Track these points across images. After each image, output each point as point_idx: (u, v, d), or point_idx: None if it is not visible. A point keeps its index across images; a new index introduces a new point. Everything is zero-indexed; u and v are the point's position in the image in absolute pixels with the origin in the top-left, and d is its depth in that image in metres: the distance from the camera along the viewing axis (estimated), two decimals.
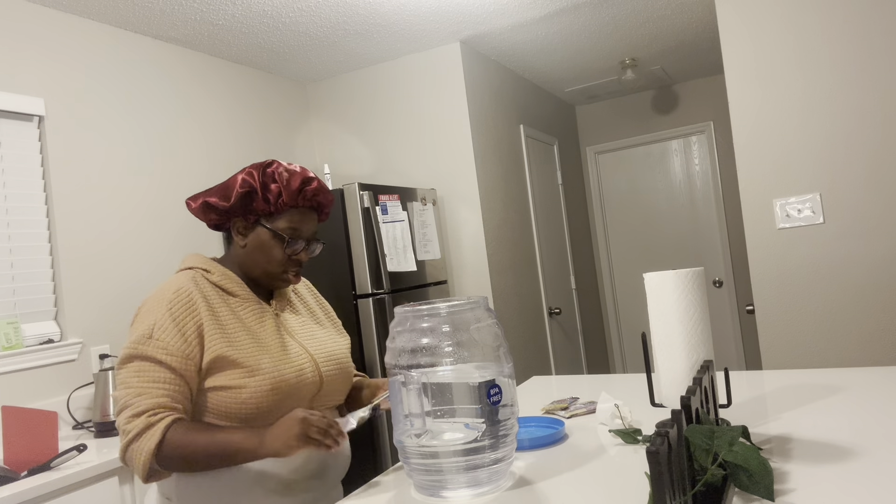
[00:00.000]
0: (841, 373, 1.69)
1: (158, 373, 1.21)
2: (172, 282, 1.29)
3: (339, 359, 1.41)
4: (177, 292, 1.27)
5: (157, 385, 1.20)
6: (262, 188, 1.31)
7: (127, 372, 1.22)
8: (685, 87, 5.17)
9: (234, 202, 1.31)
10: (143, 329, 1.23)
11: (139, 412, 1.18)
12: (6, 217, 2.43)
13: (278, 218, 1.33)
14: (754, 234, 2.77)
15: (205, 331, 1.25)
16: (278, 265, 1.34)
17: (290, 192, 1.31)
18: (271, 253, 1.33)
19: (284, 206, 1.32)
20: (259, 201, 1.31)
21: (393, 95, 3.83)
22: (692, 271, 1.27)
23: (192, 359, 1.23)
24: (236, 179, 1.33)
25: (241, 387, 1.24)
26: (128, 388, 1.20)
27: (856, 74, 2.59)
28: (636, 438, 1.33)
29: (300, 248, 1.35)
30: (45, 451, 1.93)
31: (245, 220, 1.34)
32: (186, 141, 3.17)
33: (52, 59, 2.62)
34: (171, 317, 1.24)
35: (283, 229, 1.33)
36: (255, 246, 1.34)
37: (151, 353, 1.21)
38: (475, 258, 3.66)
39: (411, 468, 1.18)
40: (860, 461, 1.08)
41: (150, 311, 1.25)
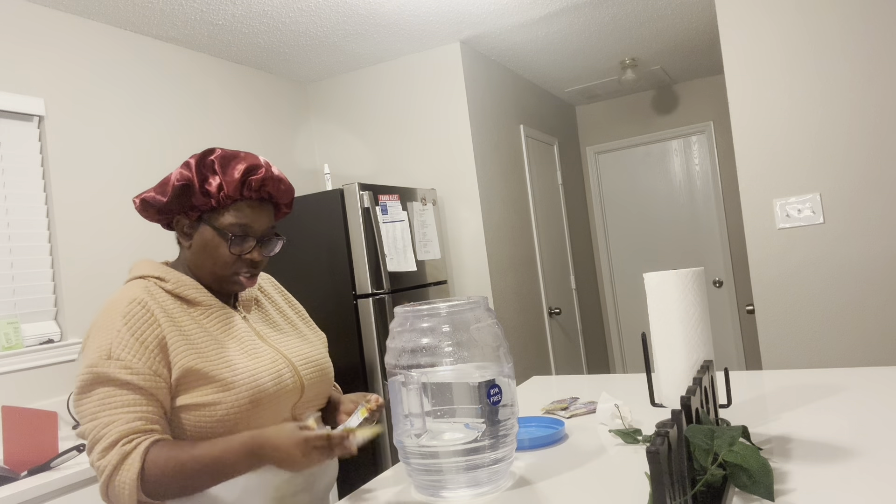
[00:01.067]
0: (841, 373, 1.69)
1: (125, 395, 1.06)
2: (123, 294, 1.14)
3: (317, 361, 1.29)
4: (130, 304, 1.11)
5: (125, 410, 1.06)
6: (199, 181, 1.15)
7: (89, 401, 1.07)
8: (685, 87, 5.17)
9: (171, 198, 1.16)
10: (99, 349, 1.07)
11: (111, 443, 1.04)
12: (6, 217, 2.43)
13: (223, 213, 1.17)
14: (754, 234, 2.77)
15: (168, 343, 1.11)
16: (226, 266, 1.19)
17: (232, 184, 1.15)
18: (216, 253, 1.18)
19: (228, 199, 1.16)
20: (197, 196, 1.16)
21: (393, 95, 3.83)
22: (692, 271, 1.27)
23: (161, 375, 1.09)
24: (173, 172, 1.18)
25: (216, 403, 1.10)
26: (94, 420, 1.06)
27: (856, 74, 2.59)
28: (636, 438, 1.33)
29: (249, 247, 1.19)
30: (45, 451, 1.93)
31: (187, 218, 1.19)
32: (186, 141, 3.17)
33: (52, 59, 2.62)
34: (130, 331, 1.09)
35: (228, 226, 1.17)
36: (200, 246, 1.19)
37: (114, 374, 1.06)
38: (475, 258, 3.66)
39: (411, 468, 1.18)
40: (860, 461, 1.08)
41: (104, 328, 1.10)
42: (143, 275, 1.19)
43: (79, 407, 1.08)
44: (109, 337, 1.08)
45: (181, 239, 1.22)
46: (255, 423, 1.14)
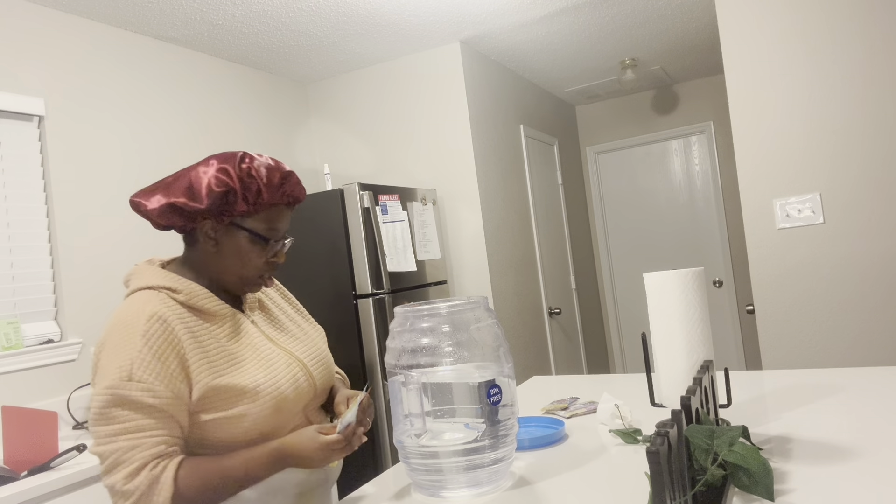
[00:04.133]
0: (841, 373, 1.69)
1: (147, 419, 1.05)
2: (138, 307, 1.10)
3: (323, 358, 1.30)
4: (149, 320, 1.08)
5: (149, 434, 1.05)
6: (241, 187, 1.14)
7: (109, 423, 1.04)
8: (685, 87, 5.17)
9: (210, 204, 1.13)
10: (120, 369, 1.05)
11: (138, 468, 1.03)
12: (6, 217, 2.43)
13: (255, 217, 1.17)
14: (754, 234, 2.77)
15: (189, 363, 1.09)
16: (255, 269, 1.19)
17: (272, 190, 1.16)
18: (249, 257, 1.18)
19: (264, 204, 1.17)
20: (240, 202, 1.15)
21: (393, 95, 3.83)
22: (692, 271, 1.27)
23: (182, 397, 1.08)
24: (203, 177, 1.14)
25: (242, 415, 1.12)
26: (114, 443, 1.04)
27: (856, 74, 2.59)
28: (636, 438, 1.33)
29: (280, 249, 1.22)
30: (45, 451, 1.93)
31: (217, 222, 1.16)
32: (186, 140, 3.17)
33: (52, 59, 2.62)
34: (150, 351, 1.06)
35: (263, 230, 1.18)
36: (232, 250, 1.17)
37: (136, 397, 1.04)
38: (475, 258, 3.66)
39: (411, 468, 1.18)
40: (860, 461, 1.08)
41: (122, 346, 1.06)
42: (151, 285, 1.14)
43: (97, 427, 1.06)
44: (130, 357, 1.05)
45: (205, 243, 1.18)
46: (274, 426, 1.16)
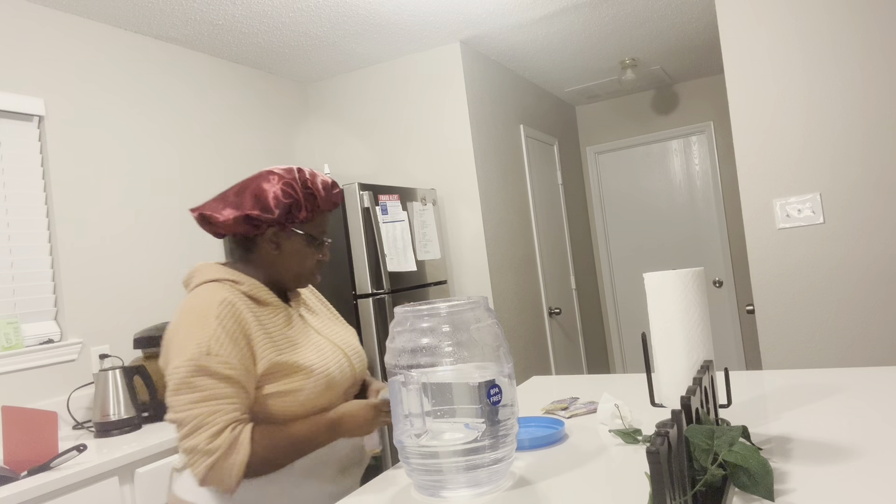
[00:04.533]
0: (841, 373, 1.69)
1: (225, 388, 1.20)
2: (209, 295, 1.26)
3: (358, 349, 1.48)
4: (220, 305, 1.24)
5: (228, 401, 1.19)
6: (304, 198, 1.33)
7: (190, 389, 1.18)
8: (685, 87, 5.17)
9: (280, 214, 1.31)
10: (199, 345, 1.20)
11: (220, 430, 1.17)
12: (6, 217, 2.43)
13: (311, 223, 1.37)
14: (754, 234, 2.77)
15: (254, 341, 1.26)
16: (309, 268, 1.39)
17: (324, 199, 1.36)
18: (305, 257, 1.37)
19: (318, 212, 1.37)
20: (302, 211, 1.33)
21: (393, 95, 3.83)
22: (692, 271, 1.27)
23: (250, 371, 1.24)
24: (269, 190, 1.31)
25: (300, 389, 1.28)
26: (195, 409, 1.18)
27: (856, 74, 2.59)
28: (636, 438, 1.33)
29: (325, 248, 1.42)
30: (45, 451, 1.93)
31: (280, 228, 1.34)
32: (186, 140, 3.17)
33: (52, 59, 2.62)
34: (224, 330, 1.22)
35: (317, 233, 1.38)
36: (291, 252, 1.36)
37: (214, 368, 1.19)
38: (475, 258, 3.66)
39: (411, 468, 1.18)
40: (860, 461, 1.08)
41: (198, 326, 1.22)
42: (216, 278, 1.31)
43: (178, 395, 1.19)
44: (206, 335, 1.20)
45: (267, 246, 1.35)
46: (324, 403, 1.33)
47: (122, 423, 2.25)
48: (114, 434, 2.23)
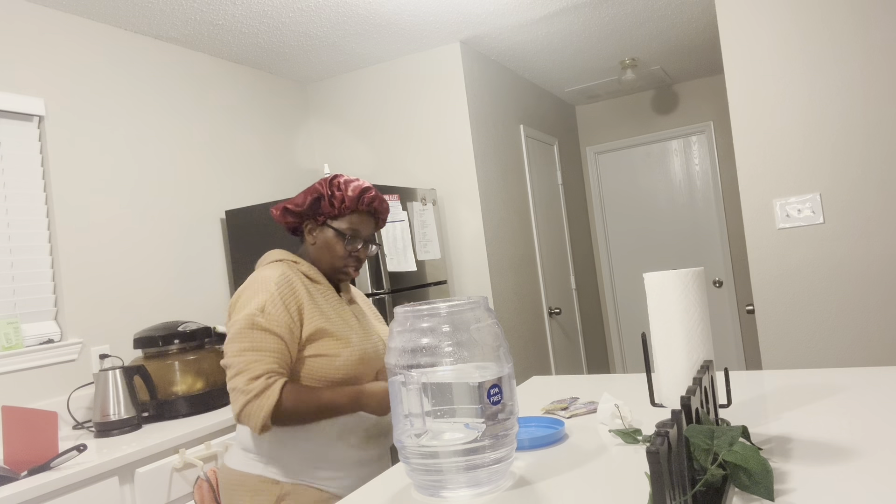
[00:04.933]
0: (841, 373, 1.69)
1: (271, 342, 1.41)
2: (271, 270, 1.51)
3: None
4: (280, 276, 1.49)
5: (269, 353, 1.41)
6: (328, 194, 1.57)
7: (241, 339, 1.41)
8: (685, 87, 5.17)
9: (306, 206, 1.57)
10: (257, 304, 1.43)
11: (257, 375, 1.38)
12: (6, 217, 2.43)
13: (341, 219, 1.58)
14: (754, 234, 2.77)
15: (304, 309, 1.48)
16: (340, 260, 1.58)
17: (351, 199, 1.56)
18: (335, 249, 1.57)
19: (346, 209, 1.56)
20: (325, 205, 1.56)
21: (393, 95, 3.83)
22: (692, 271, 1.27)
23: (295, 333, 1.46)
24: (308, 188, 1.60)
25: (336, 355, 1.49)
26: (243, 356, 1.39)
27: (856, 74, 2.59)
28: (636, 438, 1.33)
29: (359, 246, 1.59)
30: (45, 451, 1.93)
31: (315, 222, 1.59)
32: (186, 140, 3.17)
33: (52, 59, 2.62)
34: (280, 297, 1.45)
35: (345, 229, 1.57)
36: (323, 243, 1.58)
37: (265, 324, 1.41)
38: (475, 258, 3.66)
39: (411, 468, 1.18)
40: (860, 461, 1.08)
41: (260, 290, 1.46)
42: (280, 259, 1.56)
43: (232, 344, 1.42)
44: (265, 297, 1.44)
45: (308, 237, 1.61)
46: (356, 374, 1.52)
47: (122, 423, 2.25)
48: (114, 434, 2.23)
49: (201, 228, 3.18)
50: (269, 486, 1.45)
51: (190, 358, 2.47)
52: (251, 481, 1.46)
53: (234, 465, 1.51)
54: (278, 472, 1.46)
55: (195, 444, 2.20)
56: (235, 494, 1.48)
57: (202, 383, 2.47)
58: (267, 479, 1.46)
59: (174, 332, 2.49)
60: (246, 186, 3.48)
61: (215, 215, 3.27)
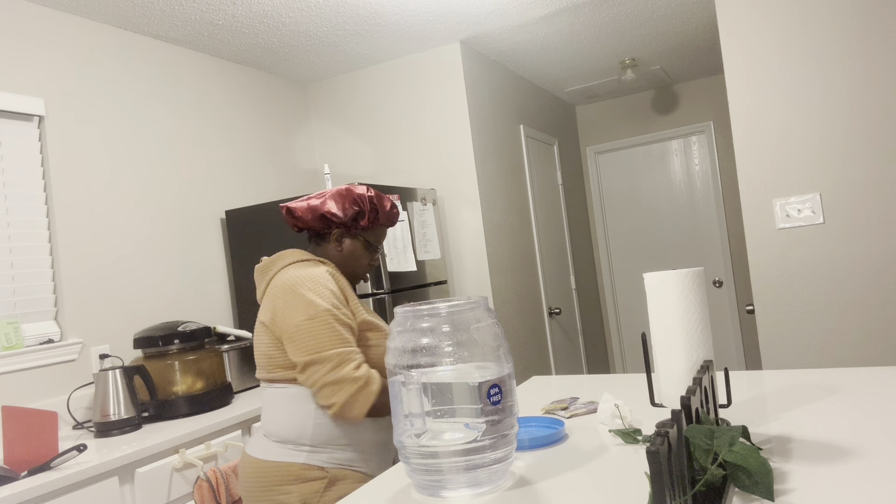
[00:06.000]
0: (841, 373, 1.69)
1: (349, 335, 1.49)
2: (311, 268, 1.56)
3: None
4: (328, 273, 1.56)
5: (354, 345, 1.50)
6: (370, 209, 1.64)
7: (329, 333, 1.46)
8: (685, 87, 5.17)
9: (348, 217, 1.63)
10: (325, 300, 1.49)
11: (360, 364, 1.47)
12: (6, 217, 2.43)
13: (370, 232, 1.67)
14: (754, 234, 2.77)
15: (350, 303, 1.56)
16: (363, 268, 1.69)
17: (385, 215, 1.66)
18: (361, 258, 1.67)
19: (378, 224, 1.66)
20: (366, 220, 1.64)
21: (393, 95, 3.83)
22: (692, 271, 1.27)
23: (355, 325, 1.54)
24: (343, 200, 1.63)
25: (378, 346, 1.58)
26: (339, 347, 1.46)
27: (856, 74, 2.59)
28: (636, 438, 1.33)
29: (378, 256, 1.72)
30: (45, 451, 1.93)
31: (348, 232, 1.65)
32: (186, 141, 3.17)
33: (52, 59, 2.62)
34: (335, 293, 1.52)
35: (374, 241, 1.68)
36: (350, 252, 1.66)
37: (342, 319, 1.49)
38: (475, 258, 3.66)
39: (411, 468, 1.18)
40: (860, 461, 1.08)
41: (317, 287, 1.51)
42: (305, 259, 1.61)
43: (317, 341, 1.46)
44: (327, 292, 1.50)
45: (334, 244, 1.66)
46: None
47: (122, 423, 2.25)
48: (114, 434, 2.23)
49: (201, 228, 3.18)
50: (317, 473, 1.49)
51: (190, 358, 2.47)
52: (295, 470, 1.49)
53: (269, 455, 1.52)
54: (324, 459, 1.50)
55: (195, 444, 2.20)
56: (277, 486, 1.50)
57: (202, 383, 2.47)
58: (313, 467, 1.49)
59: (174, 332, 2.49)
60: (246, 186, 3.48)
61: (215, 215, 3.27)
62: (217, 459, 2.23)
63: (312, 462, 1.49)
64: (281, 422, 1.52)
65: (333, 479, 1.50)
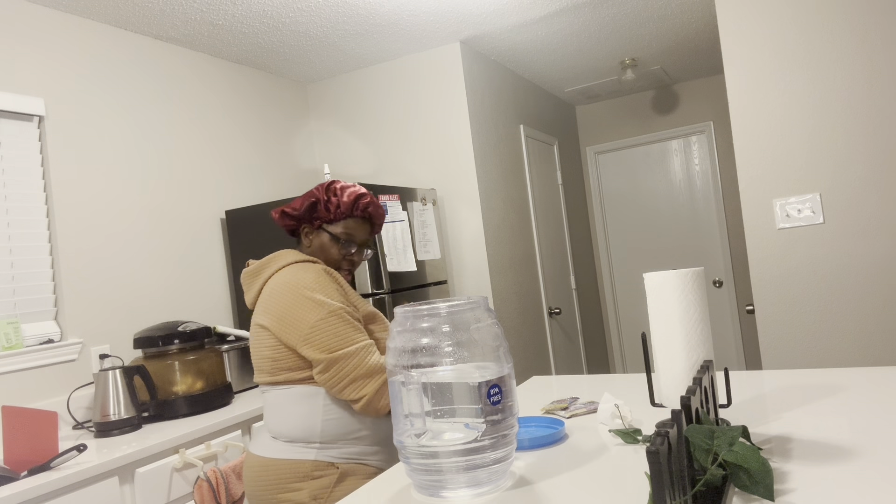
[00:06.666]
0: (841, 373, 1.69)
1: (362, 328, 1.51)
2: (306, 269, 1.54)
3: None
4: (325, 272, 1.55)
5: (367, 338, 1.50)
6: (324, 199, 1.61)
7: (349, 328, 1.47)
8: (685, 87, 5.17)
9: (303, 210, 1.62)
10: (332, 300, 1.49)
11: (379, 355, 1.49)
12: (6, 217, 2.43)
13: (336, 224, 1.62)
14: (754, 234, 2.77)
15: (348, 297, 1.55)
16: (334, 263, 1.64)
17: (346, 204, 1.61)
18: (329, 252, 1.63)
19: (341, 214, 1.61)
20: (321, 210, 1.61)
21: (393, 95, 3.83)
22: (692, 271, 1.27)
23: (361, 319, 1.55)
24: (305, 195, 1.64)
25: (379, 339, 1.58)
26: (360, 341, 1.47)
27: (856, 74, 2.59)
28: (636, 438, 1.33)
29: (352, 251, 1.64)
30: (45, 451, 1.93)
31: (311, 226, 1.63)
32: (186, 141, 3.17)
33: (52, 59, 2.62)
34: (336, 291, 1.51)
35: (339, 233, 1.62)
36: (318, 247, 1.64)
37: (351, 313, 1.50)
38: (475, 258, 3.66)
39: (411, 468, 1.18)
40: (860, 461, 1.08)
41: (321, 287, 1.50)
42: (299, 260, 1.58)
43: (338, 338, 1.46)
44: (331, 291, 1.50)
45: (304, 240, 1.66)
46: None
47: (122, 423, 2.25)
48: (114, 434, 2.23)
49: (201, 228, 3.18)
50: (328, 469, 1.49)
51: (190, 358, 2.47)
52: (305, 468, 1.49)
53: (277, 454, 1.52)
54: (334, 455, 1.50)
55: (195, 444, 2.20)
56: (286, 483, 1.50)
57: (202, 383, 2.47)
58: (322, 463, 1.49)
59: (174, 332, 2.49)
60: (246, 186, 3.48)
61: (215, 215, 3.27)
62: (217, 459, 2.23)
63: (323, 458, 1.50)
64: (289, 423, 1.52)
65: (344, 475, 1.50)
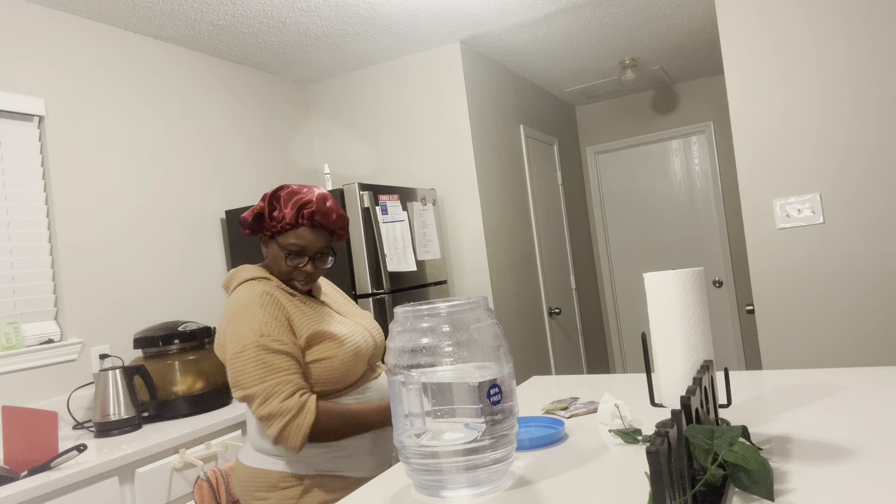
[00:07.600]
0: (841, 373, 1.69)
1: (284, 361, 1.42)
2: (251, 290, 1.50)
3: (375, 324, 1.72)
4: (262, 296, 1.48)
5: (289, 372, 1.42)
6: (269, 210, 1.55)
7: (256, 367, 1.40)
8: (685, 87, 5.17)
9: (250, 222, 1.57)
10: (252, 329, 1.43)
11: (290, 394, 1.40)
12: (6, 217, 2.43)
13: (285, 235, 1.55)
14: (754, 234, 2.77)
15: (293, 319, 1.49)
16: (286, 274, 1.57)
17: (290, 214, 1.53)
18: (280, 264, 1.56)
19: (287, 226, 1.53)
20: (266, 221, 1.55)
21: (393, 95, 3.83)
22: (692, 271, 1.27)
23: (296, 344, 1.47)
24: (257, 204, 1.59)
25: (333, 356, 1.50)
26: (266, 381, 1.40)
27: (856, 74, 2.59)
28: (636, 438, 1.33)
29: (302, 262, 1.55)
30: (45, 451, 1.93)
31: (264, 236, 1.59)
32: (186, 141, 3.17)
33: (52, 59, 2.62)
34: (270, 315, 1.45)
35: (287, 245, 1.54)
36: (272, 258, 1.58)
37: (271, 346, 1.42)
38: (475, 258, 3.66)
39: (411, 468, 1.18)
40: (860, 461, 1.08)
41: (247, 315, 1.45)
42: (253, 277, 1.55)
43: (245, 376, 1.41)
44: (257, 321, 1.43)
45: (264, 250, 1.61)
46: (353, 368, 1.53)
47: (122, 423, 2.25)
48: (114, 434, 2.23)
49: (201, 228, 3.17)
50: (294, 481, 1.49)
51: (190, 358, 2.47)
52: (273, 478, 1.49)
53: (252, 463, 1.53)
54: (302, 468, 1.49)
55: (195, 444, 2.20)
56: (257, 491, 1.51)
57: (202, 383, 2.47)
58: (289, 475, 1.49)
59: (174, 332, 2.49)
60: (246, 186, 3.48)
61: (215, 215, 3.27)
62: (217, 459, 2.23)
63: (290, 470, 1.49)
64: (257, 433, 1.53)
65: (309, 487, 1.49)
